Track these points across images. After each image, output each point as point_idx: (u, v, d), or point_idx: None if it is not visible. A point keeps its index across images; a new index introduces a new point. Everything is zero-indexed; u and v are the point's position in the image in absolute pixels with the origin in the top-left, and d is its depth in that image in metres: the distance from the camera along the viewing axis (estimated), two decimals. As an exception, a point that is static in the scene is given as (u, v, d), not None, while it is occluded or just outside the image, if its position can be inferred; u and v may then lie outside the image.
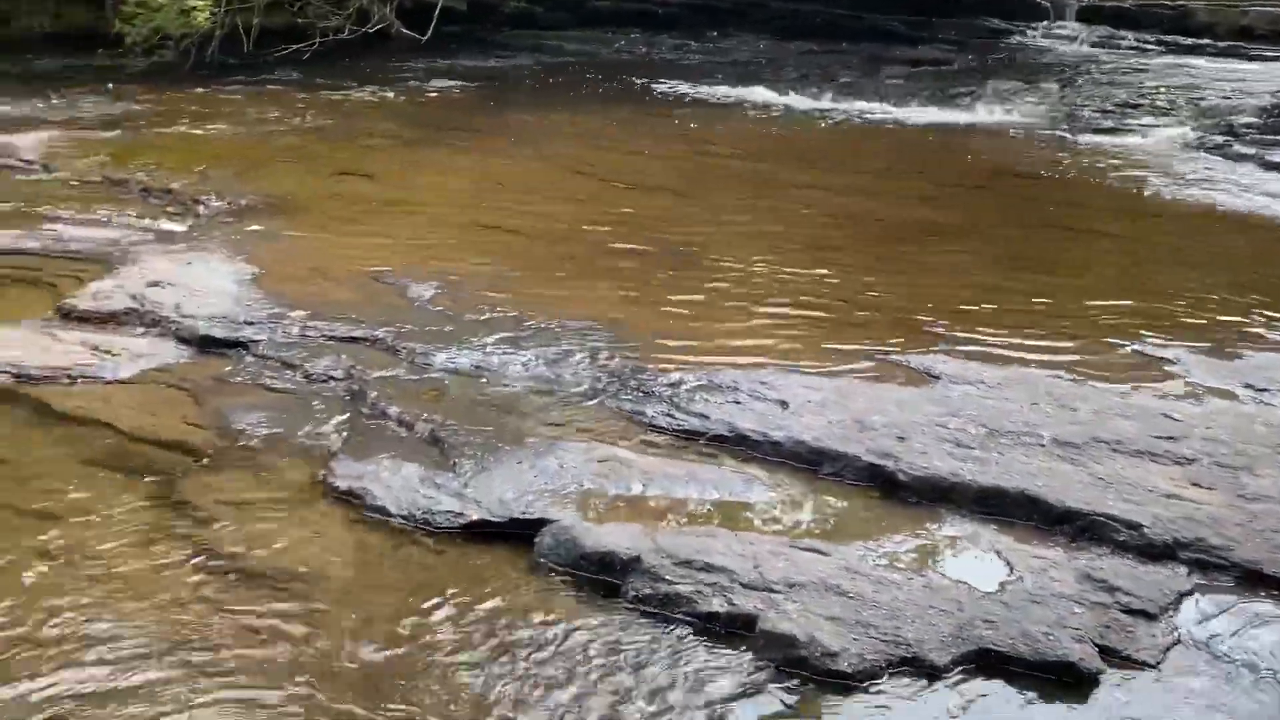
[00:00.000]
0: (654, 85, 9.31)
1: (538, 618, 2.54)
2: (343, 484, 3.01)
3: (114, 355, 3.76)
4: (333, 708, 2.24)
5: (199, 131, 6.93)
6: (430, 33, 10.23)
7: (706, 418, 3.35)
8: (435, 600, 2.59)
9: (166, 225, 5.13)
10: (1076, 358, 3.94)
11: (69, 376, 3.63)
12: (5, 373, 3.61)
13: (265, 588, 2.66)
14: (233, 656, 2.41)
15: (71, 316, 4.02)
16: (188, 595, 2.63)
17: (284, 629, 2.49)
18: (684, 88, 9.16)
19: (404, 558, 2.76)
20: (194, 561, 2.76)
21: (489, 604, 2.59)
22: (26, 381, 3.59)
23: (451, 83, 9.07)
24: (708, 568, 2.61)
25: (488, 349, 3.85)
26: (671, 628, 2.51)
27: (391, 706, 2.24)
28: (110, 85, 8.54)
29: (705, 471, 3.10)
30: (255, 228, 5.02)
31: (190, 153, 6.37)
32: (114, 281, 4.26)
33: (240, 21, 9.52)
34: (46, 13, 11.11)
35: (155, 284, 4.19)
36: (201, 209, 5.36)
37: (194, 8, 8.87)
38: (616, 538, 2.71)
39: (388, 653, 2.42)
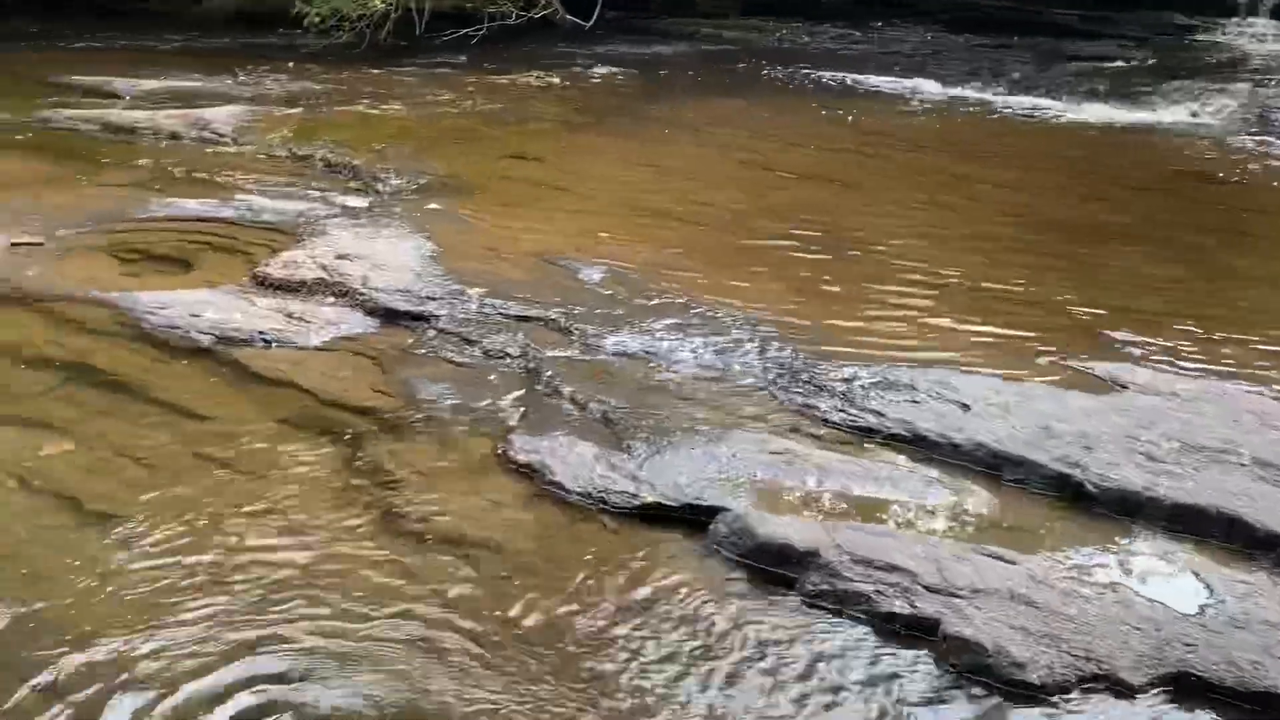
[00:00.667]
0: (817, 75, 9.18)
1: (712, 604, 2.55)
2: (521, 458, 3.08)
3: (306, 322, 3.95)
4: (516, 674, 2.30)
5: (376, 111, 7.20)
6: (594, 19, 10.35)
7: (882, 415, 3.30)
8: (612, 577, 2.64)
9: (349, 200, 5.35)
10: (1277, 374, 3.71)
11: (265, 340, 3.82)
12: (208, 334, 3.84)
13: (449, 553, 2.75)
14: (419, 617, 2.52)
15: (266, 284, 4.23)
16: (375, 555, 2.75)
17: (469, 594, 2.58)
18: (848, 78, 9.00)
19: (581, 534, 2.81)
20: (381, 523, 2.88)
21: (664, 586, 2.61)
22: (228, 343, 3.80)
23: (613, 69, 9.15)
24: (889, 567, 2.57)
25: (656, 334, 3.88)
26: (849, 625, 2.49)
27: (573, 676, 2.29)
28: (291, 64, 8.95)
29: (882, 470, 3.05)
30: (433, 206, 5.19)
31: (369, 131, 6.63)
32: (304, 252, 4.46)
33: (414, 5, 9.82)
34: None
35: (343, 256, 4.37)
36: (381, 186, 5.56)
37: (372, -8, 9.22)
38: (793, 530, 2.70)
39: (568, 623, 2.47)
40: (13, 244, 4.61)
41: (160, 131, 6.47)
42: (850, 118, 7.70)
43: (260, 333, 3.85)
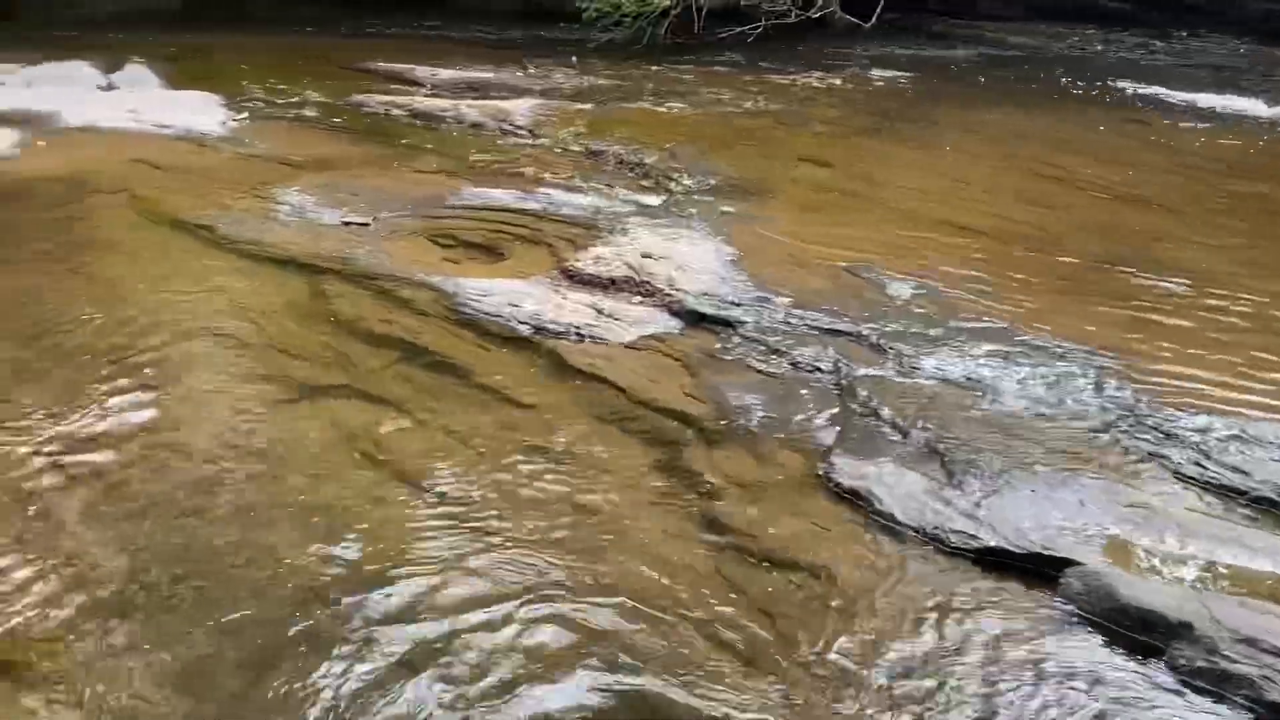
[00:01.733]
0: (1116, 86, 8.56)
1: (1066, 664, 2.37)
2: (845, 482, 2.98)
3: (615, 319, 4.00)
4: (854, 709, 2.21)
5: (661, 109, 7.28)
6: (874, 19, 10.09)
7: (1247, 475, 2.98)
8: (952, 621, 2.50)
9: (644, 198, 5.41)
10: None
11: (578, 334, 3.90)
12: (526, 324, 3.95)
13: (777, 573, 2.69)
14: (747, 637, 2.47)
15: (576, 278, 4.32)
16: (701, 567, 2.72)
17: (799, 619, 2.51)
18: (1152, 91, 8.33)
19: (915, 571, 2.68)
20: (703, 534, 2.85)
21: (1008, 638, 2.45)
22: (544, 334, 3.90)
23: (895, 72, 8.87)
24: (1277, 651, 2.29)
25: (979, 360, 3.68)
26: (1228, 710, 2.24)
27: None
28: (575, 59, 9.20)
29: (1255, 538, 2.75)
30: (728, 209, 5.16)
31: (656, 129, 6.70)
32: (610, 249, 4.53)
33: (694, 2, 9.89)
34: (517, -12, 12.18)
35: (647, 256, 4.41)
36: (673, 185, 5.60)
37: (658, -11, 9.34)
38: (1161, 597, 2.46)
39: (906, 663, 2.36)
40: (344, 222, 4.93)
41: (463, 121, 6.79)
42: (1161, 136, 7.11)
43: (575, 327, 3.93)
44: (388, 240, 4.80)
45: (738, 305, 4.08)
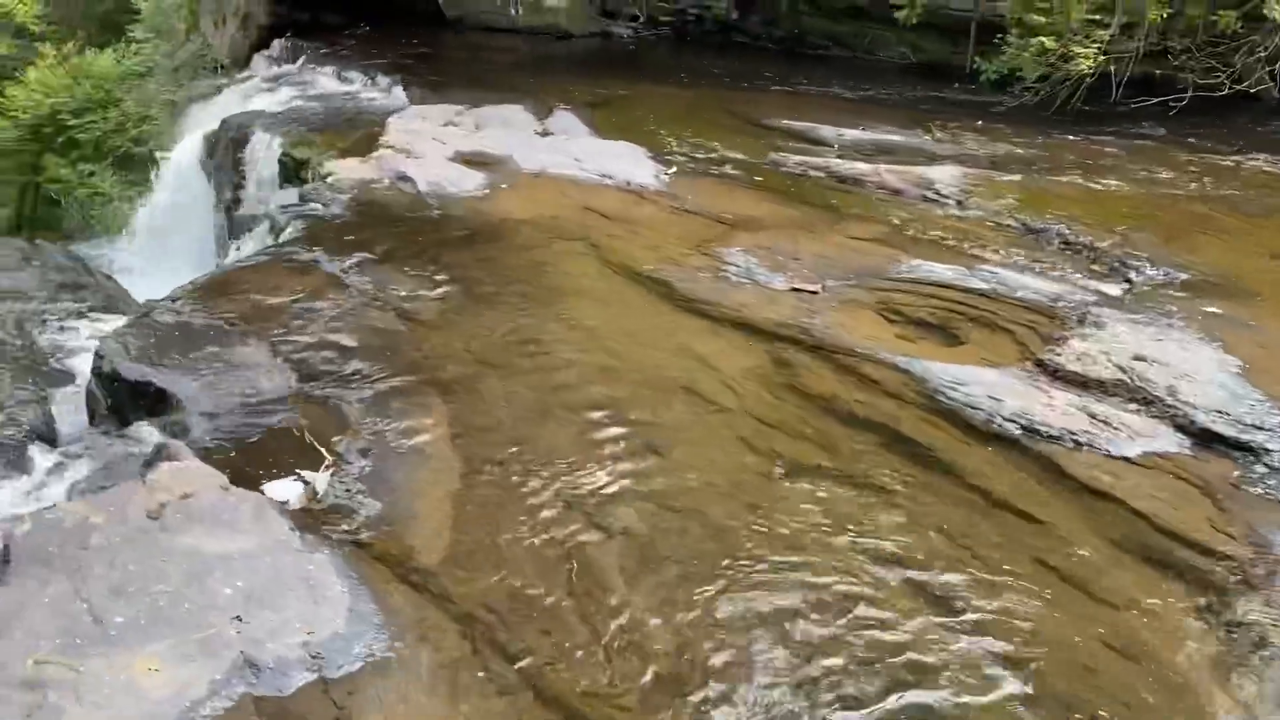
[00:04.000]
0: None
1: None
2: None
3: (1112, 427, 3.69)
4: None
5: (1095, 185, 6.80)
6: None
7: None
8: None
9: (1103, 287, 5.03)
10: None
11: (1074, 440, 3.63)
12: (1014, 422, 3.73)
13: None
14: None
15: (1056, 375, 4.05)
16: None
17: None
18: None
19: None
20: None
21: None
22: (1035, 436, 3.66)
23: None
24: None
25: None
26: None
27: None
28: (979, 123, 8.86)
29: None
30: (1212, 309, 4.67)
31: (1097, 208, 6.25)
32: (1091, 345, 4.22)
33: (1112, 69, 9.25)
34: (906, 44, 11.98)
35: (1139, 358, 4.06)
36: (1134, 275, 5.17)
37: (1076, 54, 8.81)
38: None
39: None
40: (793, 288, 4.94)
41: (885, 186, 6.67)
42: None
43: (1069, 432, 3.66)
44: (838, 311, 4.74)
45: (1260, 429, 3.64)
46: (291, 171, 7.94)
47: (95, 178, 16.43)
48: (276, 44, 12.35)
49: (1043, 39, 8.94)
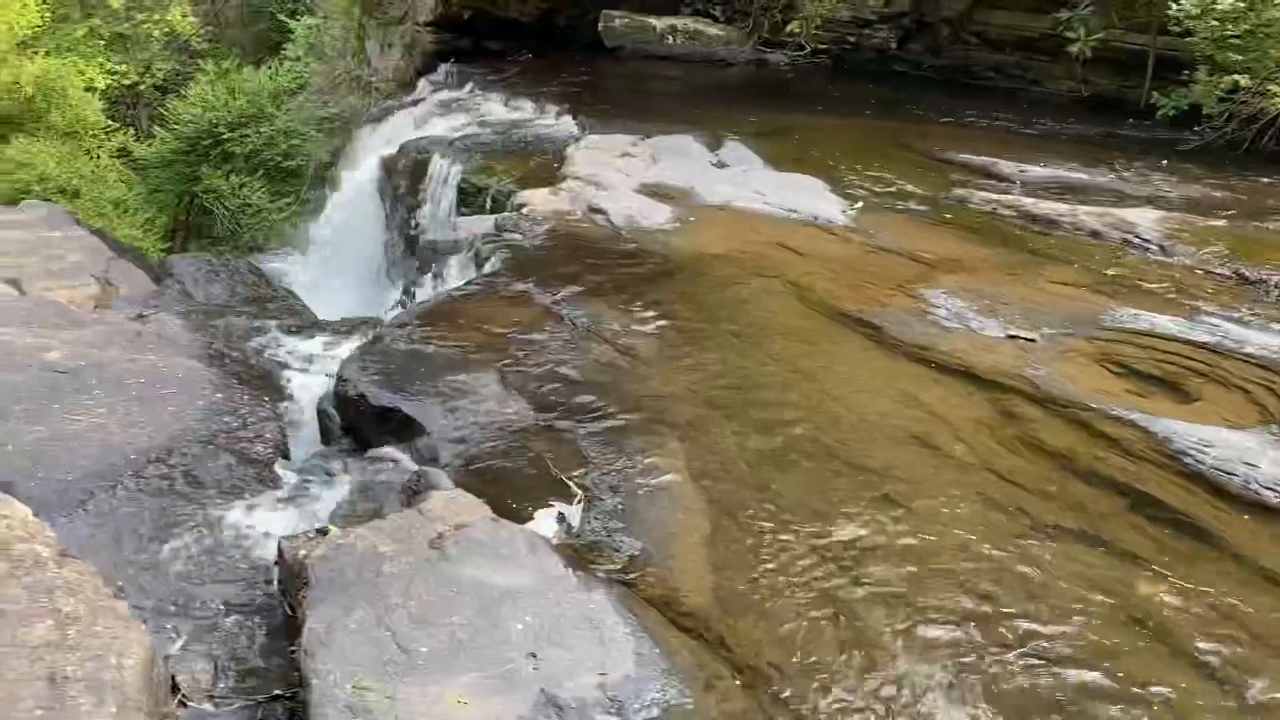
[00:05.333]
0: None
1: None
2: None
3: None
4: None
5: (1307, 233, 6.51)
6: None
7: None
8: None
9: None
10: None
11: (1344, 515, 3.46)
12: (1271, 490, 3.58)
13: None
14: None
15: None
16: None
17: None
18: None
19: None
20: None
21: None
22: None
23: None
24: None
25: None
26: None
27: None
28: (1164, 161, 8.57)
29: None
30: None
31: (1312, 258, 5.98)
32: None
33: (1308, 107, 8.83)
34: (1074, 76, 11.66)
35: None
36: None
37: (1272, 92, 8.45)
38: None
39: None
40: (1010, 335, 4.85)
41: (1081, 228, 6.51)
42: None
43: (1338, 505, 3.49)
44: (1060, 361, 4.63)
45: None
46: (470, 197, 8.20)
47: (246, 189, 17.28)
48: (441, 69, 12.77)
49: (1235, 77, 8.61)
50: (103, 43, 20.68)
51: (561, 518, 3.37)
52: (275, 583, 3.36)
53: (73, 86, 16.89)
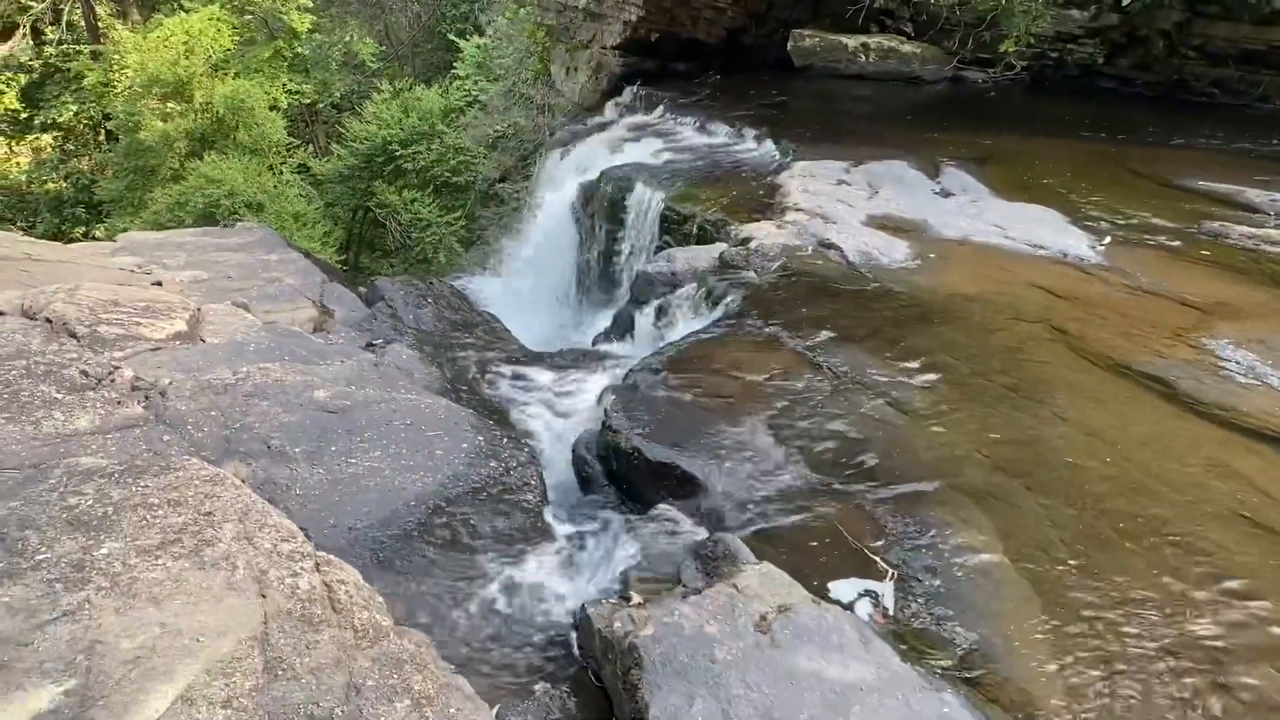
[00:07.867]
0: None
1: None
2: None
3: None
4: None
5: None
6: None
7: None
8: None
9: None
10: None
11: None
12: None
13: None
14: None
15: None
16: None
17: None
18: None
19: None
20: None
21: None
22: None
23: None
24: None
25: None
26: None
27: None
28: None
29: None
30: None
31: None
32: None
33: None
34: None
35: None
36: None
37: None
38: None
39: None
40: (1321, 397, 4.40)
41: (1367, 269, 5.94)
42: None
43: None
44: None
45: None
46: (674, 225, 8.11)
47: (418, 204, 17.79)
48: (628, 91, 12.79)
49: None
50: (286, 63, 21.73)
51: (875, 599, 3.17)
52: (576, 648, 3.28)
53: (259, 106, 17.78)
